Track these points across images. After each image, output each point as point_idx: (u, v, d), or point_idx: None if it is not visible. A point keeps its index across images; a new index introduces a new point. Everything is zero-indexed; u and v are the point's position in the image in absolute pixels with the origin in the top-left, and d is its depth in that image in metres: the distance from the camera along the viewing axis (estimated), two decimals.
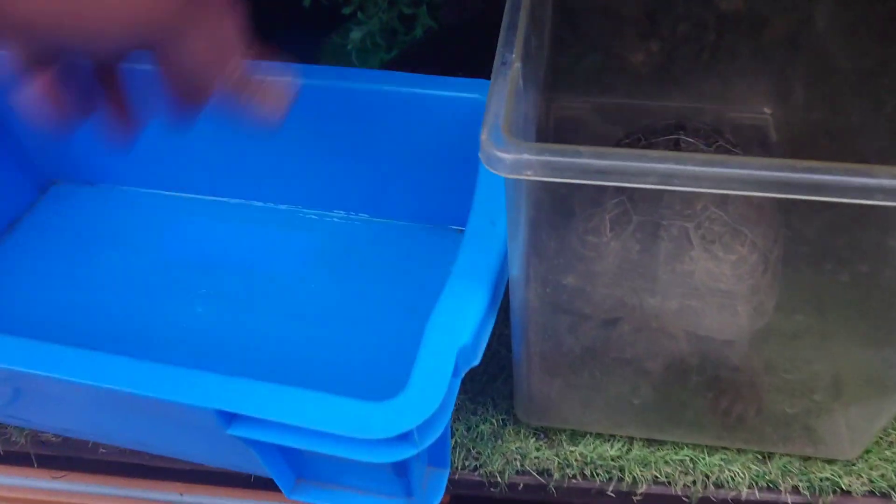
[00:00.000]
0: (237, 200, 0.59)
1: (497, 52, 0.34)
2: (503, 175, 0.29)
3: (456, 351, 0.34)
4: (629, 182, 0.28)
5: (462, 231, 0.44)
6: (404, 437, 0.33)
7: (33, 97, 0.31)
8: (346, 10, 0.72)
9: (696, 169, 0.27)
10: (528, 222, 0.33)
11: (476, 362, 0.36)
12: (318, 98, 0.51)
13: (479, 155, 0.29)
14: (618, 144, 0.55)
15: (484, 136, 0.29)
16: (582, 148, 0.28)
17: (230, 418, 0.35)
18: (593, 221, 0.43)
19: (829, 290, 0.34)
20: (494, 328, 0.52)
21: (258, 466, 0.39)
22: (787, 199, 0.29)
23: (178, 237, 0.58)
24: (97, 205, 0.61)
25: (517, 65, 0.32)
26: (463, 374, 0.36)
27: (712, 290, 0.41)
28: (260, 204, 0.59)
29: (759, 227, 0.38)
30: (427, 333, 0.35)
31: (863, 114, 0.52)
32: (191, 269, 0.55)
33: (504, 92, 0.31)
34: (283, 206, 0.59)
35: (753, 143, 0.67)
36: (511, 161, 0.28)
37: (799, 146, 0.63)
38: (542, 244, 0.35)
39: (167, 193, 0.60)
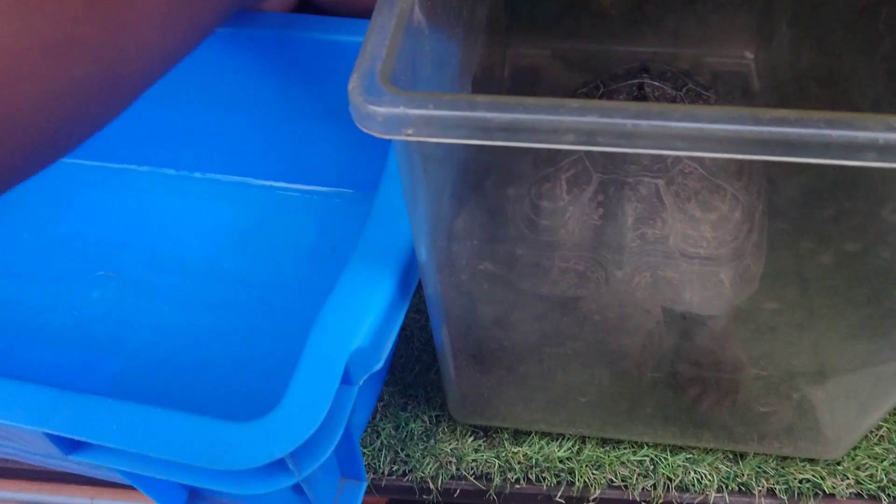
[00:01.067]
0: (145, 168, 0.52)
1: None
2: (375, 134, 0.22)
3: (346, 356, 0.28)
4: (539, 142, 0.21)
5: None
6: (278, 465, 0.26)
7: None
8: None
9: (627, 122, 0.20)
10: (431, 194, 0.26)
11: (378, 365, 0.29)
12: (230, 47, 0.44)
13: (349, 109, 0.22)
14: (574, 94, 0.48)
15: (352, 85, 0.22)
16: (479, 97, 0.21)
17: (73, 445, 0.28)
18: (548, 184, 0.36)
19: (812, 272, 0.27)
20: (416, 316, 0.45)
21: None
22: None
23: (73, 210, 0.50)
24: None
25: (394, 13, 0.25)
26: (361, 381, 0.29)
27: (691, 256, 0.34)
28: (171, 172, 0.52)
29: (740, 178, 0.31)
30: (311, 336, 0.28)
31: (855, 55, 0.44)
32: (87, 248, 0.48)
33: (389, 25, 0.24)
34: (196, 174, 0.52)
35: (735, 91, 0.60)
36: (385, 116, 0.21)
37: (784, 95, 0.55)
38: (452, 220, 0.28)
39: (62, 161, 0.53)
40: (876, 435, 0.40)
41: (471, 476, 0.40)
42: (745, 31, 0.59)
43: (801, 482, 0.38)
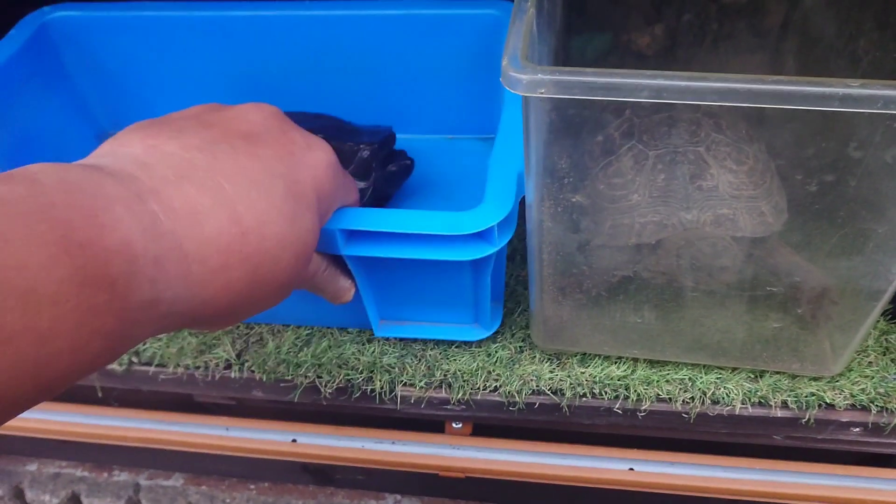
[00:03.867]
0: None
1: (515, 2, 0.40)
2: (521, 93, 0.35)
3: (516, 174, 0.44)
4: (628, 96, 0.34)
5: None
6: (486, 236, 0.43)
7: None
8: None
9: (683, 83, 0.33)
10: (543, 144, 0.39)
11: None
12: (353, 25, 0.58)
13: (501, 79, 0.35)
14: (612, 130, 0.60)
15: (505, 62, 0.35)
16: (587, 69, 0.34)
17: (348, 237, 0.44)
18: (613, 167, 0.49)
19: (803, 200, 0.39)
20: (511, 270, 0.58)
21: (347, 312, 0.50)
22: (764, 114, 0.34)
23: None
24: None
25: (531, 10, 0.38)
26: (518, 199, 0.44)
27: (737, 196, 0.46)
28: None
29: (752, 144, 0.44)
30: (492, 162, 0.45)
31: (843, 73, 0.57)
32: None
33: (521, 30, 0.37)
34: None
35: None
36: (527, 81, 0.34)
37: None
38: (555, 166, 0.41)
39: None
40: (866, 359, 0.51)
41: (547, 391, 0.51)
42: (760, 66, 0.72)
43: (808, 395, 0.49)
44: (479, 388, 0.52)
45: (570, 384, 0.51)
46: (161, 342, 0.56)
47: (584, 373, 0.51)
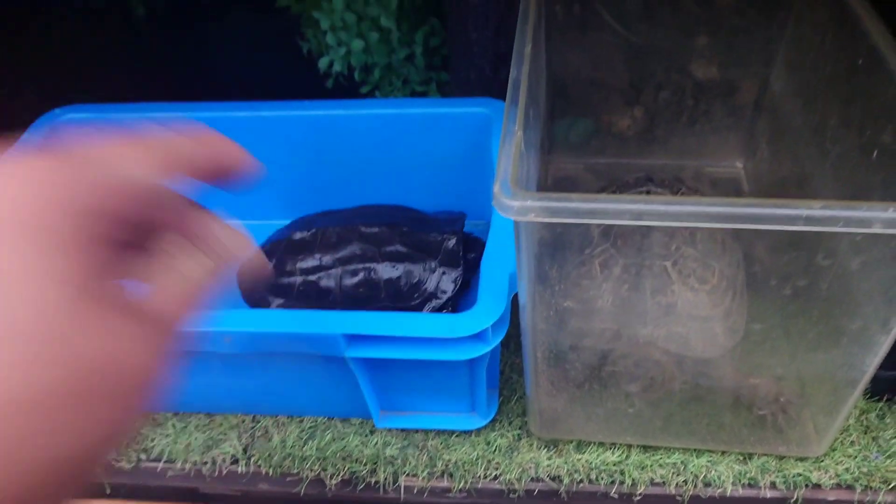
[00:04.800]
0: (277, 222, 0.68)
1: (504, 123, 0.43)
2: (512, 218, 0.37)
3: (508, 275, 0.46)
4: (610, 220, 0.37)
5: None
6: (482, 336, 0.45)
7: None
8: (364, 90, 0.82)
9: (661, 207, 0.36)
10: (533, 257, 0.42)
11: (514, 290, 0.46)
12: (362, 124, 0.62)
13: (493, 203, 0.38)
14: (601, 189, 0.64)
15: (496, 189, 0.38)
16: (573, 195, 0.37)
17: (350, 340, 0.46)
18: (585, 267, 0.52)
19: (779, 301, 0.42)
20: (506, 357, 0.60)
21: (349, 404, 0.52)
22: (741, 230, 0.37)
23: None
24: None
25: (519, 133, 0.41)
26: (510, 298, 0.46)
27: (693, 316, 0.49)
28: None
29: (723, 258, 0.47)
30: (484, 264, 0.48)
31: (813, 163, 0.60)
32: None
33: (510, 155, 0.40)
34: None
35: (729, 193, 0.76)
36: (518, 207, 0.37)
37: (767, 194, 0.71)
38: (545, 275, 0.43)
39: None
40: (848, 439, 0.53)
41: (546, 478, 0.53)
42: (735, 147, 0.75)
43: (794, 476, 0.51)
44: (479, 477, 0.54)
45: (568, 471, 0.53)
46: (169, 438, 0.57)
47: (580, 459, 0.53)
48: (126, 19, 1.18)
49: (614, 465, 0.53)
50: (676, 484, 0.52)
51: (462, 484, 0.53)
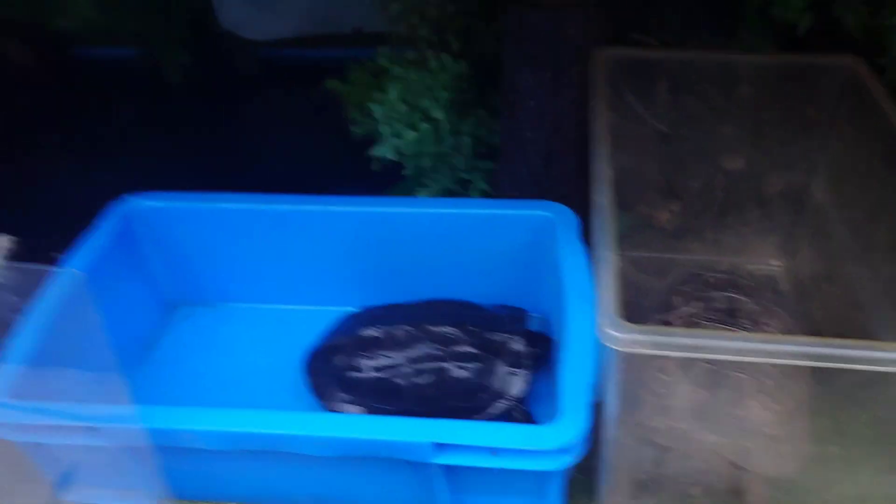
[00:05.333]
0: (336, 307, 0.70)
1: (594, 248, 0.45)
2: (618, 349, 0.39)
3: (589, 385, 0.48)
4: (713, 355, 0.39)
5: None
6: (569, 449, 0.46)
7: None
8: (408, 172, 0.84)
9: (768, 346, 0.38)
10: (628, 382, 0.44)
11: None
12: (428, 221, 0.65)
13: (598, 334, 0.40)
14: (674, 291, 0.65)
15: (602, 320, 0.40)
16: (678, 330, 0.39)
17: (438, 448, 0.47)
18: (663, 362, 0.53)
19: (854, 427, 0.44)
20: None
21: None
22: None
23: (284, 343, 0.67)
24: (215, 320, 0.71)
25: (615, 260, 0.44)
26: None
27: (761, 433, 0.51)
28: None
29: (798, 384, 0.49)
30: (564, 371, 0.49)
31: (856, 264, 0.63)
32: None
33: (609, 285, 0.42)
34: None
35: (767, 289, 0.78)
36: (625, 340, 0.39)
37: (805, 293, 0.74)
38: (634, 396, 0.45)
39: (274, 306, 0.71)
40: None
41: None
42: (773, 246, 0.79)
43: None
44: None
45: None
46: None
47: None
48: (162, 87, 1.21)
49: None
50: None
51: None
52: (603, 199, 0.48)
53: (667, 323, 0.57)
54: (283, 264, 0.68)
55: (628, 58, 0.67)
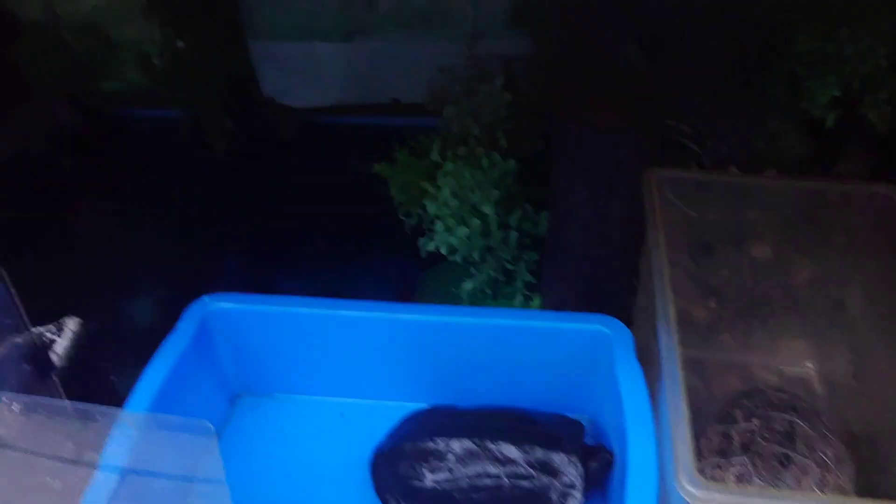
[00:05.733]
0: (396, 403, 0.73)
1: (666, 403, 0.49)
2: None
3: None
4: None
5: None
6: None
7: None
8: (453, 258, 0.88)
9: None
10: None
11: None
12: (484, 331, 0.68)
13: (677, 489, 0.44)
14: (735, 403, 0.68)
15: (681, 478, 0.43)
16: (752, 488, 0.43)
17: None
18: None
19: None
20: None
21: None
22: None
23: (347, 436, 0.71)
24: (279, 412, 0.74)
25: (688, 414, 0.48)
26: None
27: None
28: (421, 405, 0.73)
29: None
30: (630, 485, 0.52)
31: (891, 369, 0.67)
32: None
33: (687, 442, 0.46)
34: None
35: (799, 388, 0.82)
36: (704, 498, 0.43)
37: (839, 396, 0.78)
38: None
39: (337, 400, 0.74)
40: None
41: None
42: (806, 350, 0.82)
43: None
44: None
45: None
46: None
47: None
48: (205, 149, 1.26)
49: None
50: None
51: None
52: (672, 351, 0.52)
53: (728, 436, 0.61)
54: (349, 362, 0.71)
55: (677, 178, 0.71)
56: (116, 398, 0.81)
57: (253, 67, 1.28)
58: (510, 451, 0.61)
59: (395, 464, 0.64)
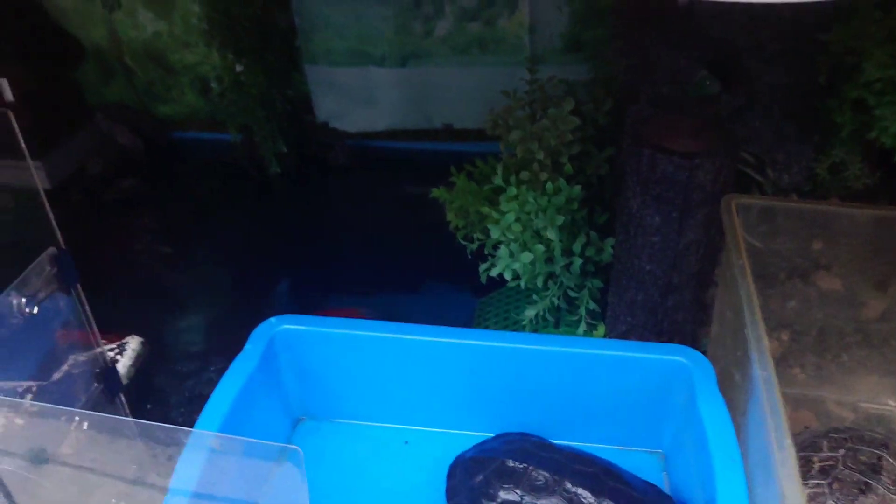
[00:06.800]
0: (461, 432, 0.71)
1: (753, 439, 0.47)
2: None
3: None
4: None
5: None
6: None
7: None
8: (513, 284, 0.86)
9: None
10: None
11: None
12: (557, 359, 0.66)
13: None
14: (825, 435, 0.66)
15: None
16: None
17: None
18: None
19: None
20: None
21: None
22: None
23: (409, 466, 0.69)
24: (341, 438, 0.72)
25: (793, 452, 0.45)
26: None
27: None
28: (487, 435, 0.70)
29: None
30: None
31: None
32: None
33: (796, 484, 0.43)
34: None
35: (878, 427, 0.78)
36: None
37: None
38: None
39: (402, 427, 0.72)
40: None
41: None
42: (885, 385, 0.79)
43: None
44: None
45: None
46: None
47: None
48: (260, 172, 1.27)
49: None
50: None
51: None
52: (769, 374, 0.49)
53: (808, 461, 0.59)
54: (415, 388, 0.70)
55: (753, 204, 0.70)
56: (171, 417, 0.81)
57: (307, 92, 1.29)
58: (587, 498, 0.59)
59: (472, 473, 0.62)
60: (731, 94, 0.78)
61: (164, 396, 0.83)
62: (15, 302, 0.50)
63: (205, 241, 1.19)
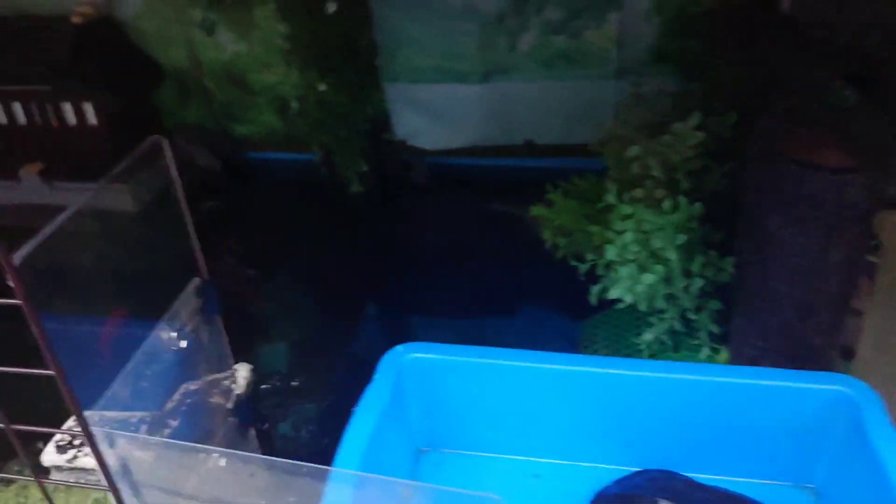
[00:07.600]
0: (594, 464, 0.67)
1: None
2: None
3: None
4: None
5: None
6: None
7: None
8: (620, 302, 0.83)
9: None
10: None
11: None
12: (698, 389, 0.63)
13: None
14: None
15: None
16: None
17: None
18: None
19: None
20: None
21: None
22: None
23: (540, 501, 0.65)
24: (466, 471, 0.69)
25: None
26: None
27: None
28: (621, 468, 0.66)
29: None
30: None
31: None
32: None
33: None
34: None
35: None
36: None
37: None
38: None
39: (532, 459, 0.69)
40: None
41: None
42: None
43: None
44: None
45: None
46: None
47: None
48: (339, 192, 1.25)
49: None
50: None
51: None
52: None
53: None
54: (546, 419, 0.67)
55: None
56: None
57: (386, 110, 1.27)
58: None
59: None
60: (870, 106, 0.74)
61: (271, 422, 0.81)
62: (166, 336, 0.48)
63: (289, 262, 1.18)
